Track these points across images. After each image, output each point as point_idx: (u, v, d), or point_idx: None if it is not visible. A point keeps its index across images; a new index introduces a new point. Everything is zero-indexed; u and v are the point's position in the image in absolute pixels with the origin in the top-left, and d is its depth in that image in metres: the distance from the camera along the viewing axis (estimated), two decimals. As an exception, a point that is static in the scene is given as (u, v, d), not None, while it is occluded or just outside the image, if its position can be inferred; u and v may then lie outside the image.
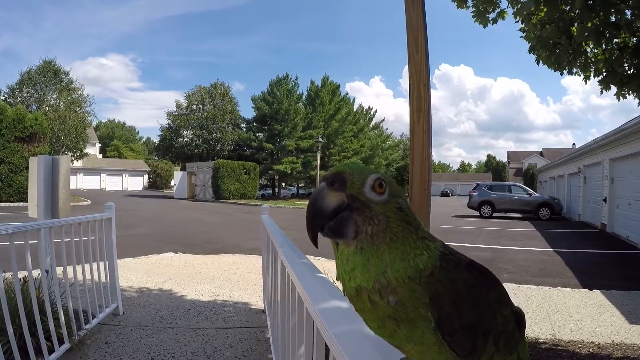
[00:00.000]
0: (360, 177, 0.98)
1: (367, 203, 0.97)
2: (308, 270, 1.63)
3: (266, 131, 46.06)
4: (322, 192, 0.96)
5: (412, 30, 3.44)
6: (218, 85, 52.28)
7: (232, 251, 9.63)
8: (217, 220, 18.92)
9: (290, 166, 43.45)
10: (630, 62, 3.90)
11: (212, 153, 48.35)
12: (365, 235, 0.95)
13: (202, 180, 38.96)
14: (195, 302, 5.24)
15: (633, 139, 12.34)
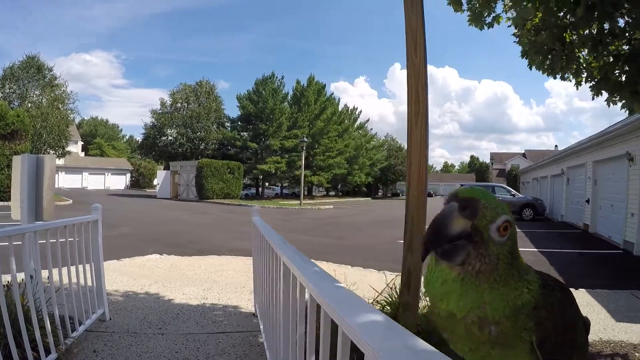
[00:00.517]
0: (492, 214, 1.03)
1: (487, 241, 1.02)
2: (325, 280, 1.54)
3: (251, 130, 45.74)
4: (452, 215, 1.01)
5: (411, 32, 3.40)
6: (203, 84, 51.82)
7: (217, 252, 9.49)
8: (202, 220, 18.71)
9: (274, 166, 43.20)
10: (622, 69, 3.91)
11: (196, 152, 47.86)
12: (472, 270, 1.01)
13: (186, 179, 38.52)
14: (184, 306, 5.12)
15: (617, 142, 12.48)
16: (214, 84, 53.30)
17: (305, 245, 11.15)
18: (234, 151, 45.88)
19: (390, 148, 71.08)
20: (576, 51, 4.14)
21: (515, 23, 4.24)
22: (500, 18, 4.25)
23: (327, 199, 49.38)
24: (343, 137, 51.61)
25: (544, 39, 4.04)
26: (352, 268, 8.16)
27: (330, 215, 24.49)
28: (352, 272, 7.58)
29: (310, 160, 45.78)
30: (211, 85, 52.55)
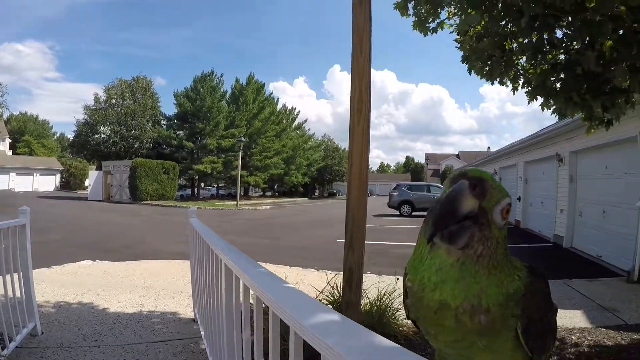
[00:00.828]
0: (499, 196, 1.02)
1: (491, 223, 1.01)
2: (274, 281, 1.50)
3: (187, 129, 44.68)
4: (463, 193, 0.98)
5: (358, 32, 3.41)
6: (140, 79, 49.77)
7: (153, 256, 9.16)
8: (136, 223, 18.10)
9: (210, 166, 42.36)
10: (558, 77, 4.10)
11: (130, 151, 45.76)
12: (473, 253, 0.99)
13: (119, 180, 36.55)
14: (119, 315, 4.87)
15: (547, 144, 13.10)
16: (150, 80, 51.51)
17: (242, 247, 10.55)
18: (170, 150, 44.46)
19: (328, 148, 71.64)
20: (515, 58, 4.29)
21: (458, 29, 4.34)
22: (444, 24, 4.34)
23: (264, 200, 48.84)
24: (281, 137, 51.49)
25: (485, 45, 4.14)
26: (291, 268, 8.13)
27: (267, 216, 24.35)
28: (292, 273, 7.56)
29: (247, 160, 45.36)
30: (148, 81, 50.64)
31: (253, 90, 48.17)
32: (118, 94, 48.04)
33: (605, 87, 3.81)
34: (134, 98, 48.53)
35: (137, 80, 49.49)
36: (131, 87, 48.81)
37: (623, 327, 4.98)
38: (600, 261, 9.27)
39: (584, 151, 10.80)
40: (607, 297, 6.27)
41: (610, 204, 9.23)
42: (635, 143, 8.09)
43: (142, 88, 49.10)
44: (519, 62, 4.40)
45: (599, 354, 4.10)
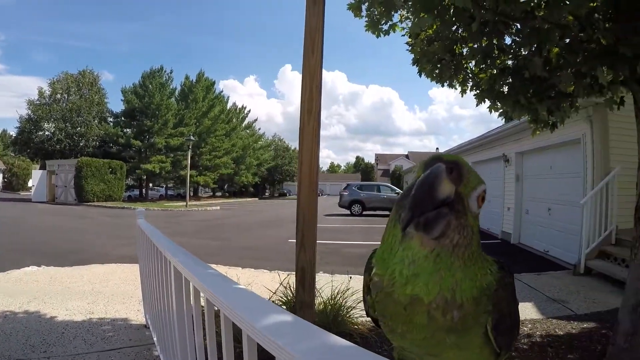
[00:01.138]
0: (475, 181, 0.97)
1: (466, 210, 0.95)
2: (224, 282, 1.47)
3: (135, 127, 43.28)
4: (441, 176, 0.90)
5: (310, 31, 3.42)
6: (86, 74, 47.15)
7: (101, 260, 8.81)
8: (82, 225, 17.35)
9: (159, 165, 41.30)
10: (505, 81, 4.23)
11: (76, 150, 43.67)
12: (449, 243, 0.92)
13: (64, 180, 34.47)
14: (68, 324, 4.66)
15: (494, 145, 13.54)
16: (97, 75, 49.01)
17: (192, 249, 10.38)
18: (117, 149, 42.99)
19: (278, 148, 71.58)
20: (464, 62, 4.42)
21: (410, 32, 4.39)
22: (397, 27, 4.38)
23: (214, 200, 48.14)
24: (230, 136, 50.85)
25: (436, 49, 4.23)
26: (244, 269, 8.03)
27: (217, 217, 24.08)
28: (244, 274, 7.46)
29: (196, 159, 44.55)
30: (95, 76, 48.16)
31: (203, 87, 47.37)
32: (63, 88, 45.62)
33: (550, 91, 3.98)
34: (80, 93, 46.24)
35: (83, 75, 47.05)
36: (77, 81, 46.38)
37: (572, 317, 5.22)
38: (548, 256, 9.69)
39: (530, 152, 11.22)
40: (556, 289, 6.56)
41: (555, 201, 9.65)
42: (578, 145, 8.47)
43: (88, 83, 46.82)
44: (468, 66, 4.53)
45: (551, 344, 4.27)
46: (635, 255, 3.60)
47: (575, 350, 4.10)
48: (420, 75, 4.60)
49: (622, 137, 7.66)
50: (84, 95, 46.14)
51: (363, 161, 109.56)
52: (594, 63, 3.15)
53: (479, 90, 4.46)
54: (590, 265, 7.46)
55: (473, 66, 4.49)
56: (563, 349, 4.14)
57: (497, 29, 3.47)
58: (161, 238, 2.74)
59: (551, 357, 3.96)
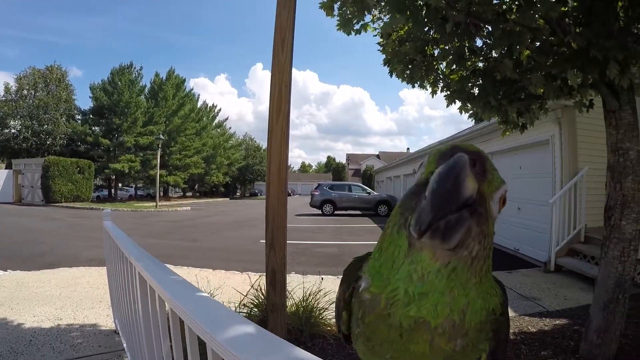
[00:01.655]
0: (499, 180, 0.78)
1: (487, 215, 0.74)
2: (186, 290, 1.42)
3: (104, 125, 42.43)
4: (466, 169, 0.68)
5: (281, 30, 3.40)
6: (54, 69, 45.56)
7: (69, 264, 8.60)
8: (49, 227, 16.85)
9: (128, 165, 40.57)
10: (475, 82, 4.28)
11: (43, 148, 42.31)
12: (467, 255, 0.73)
13: (31, 180, 33.49)
14: (36, 331, 4.50)
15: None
16: (66, 70, 47.42)
17: (162, 250, 10.70)
18: (85, 148, 42.20)
19: (249, 147, 71.46)
20: (435, 63, 4.42)
21: (382, 32, 4.42)
22: (368, 26, 4.38)
23: (184, 200, 47.44)
24: (201, 135, 50.41)
25: (407, 49, 4.24)
26: (214, 271, 7.93)
27: (187, 217, 23.76)
28: (214, 276, 7.38)
29: (166, 159, 44.16)
30: (63, 72, 46.59)
31: (173, 85, 46.84)
32: (30, 84, 43.95)
33: (520, 93, 4.03)
34: (48, 89, 44.67)
35: (51, 70, 45.48)
36: (45, 77, 44.79)
37: (544, 314, 5.30)
38: (518, 254, 9.86)
39: (500, 152, 11.37)
40: (527, 287, 6.67)
41: (525, 201, 9.82)
42: (547, 145, 8.63)
43: (56, 79, 45.29)
44: (439, 67, 4.54)
45: (524, 341, 4.30)
46: (605, 254, 3.67)
47: (548, 347, 4.15)
48: (392, 75, 4.62)
49: (590, 138, 7.87)
50: (51, 92, 44.53)
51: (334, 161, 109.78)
52: (564, 65, 3.19)
53: (449, 91, 4.49)
54: (561, 262, 7.61)
55: (444, 67, 4.52)
56: (536, 346, 4.17)
57: (469, 31, 3.48)
58: (127, 241, 2.67)
59: (525, 355, 3.98)
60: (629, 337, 4.23)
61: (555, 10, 2.95)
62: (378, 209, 23.27)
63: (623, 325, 3.69)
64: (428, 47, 4.25)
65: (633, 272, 3.64)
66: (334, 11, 4.11)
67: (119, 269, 3.00)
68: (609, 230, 3.65)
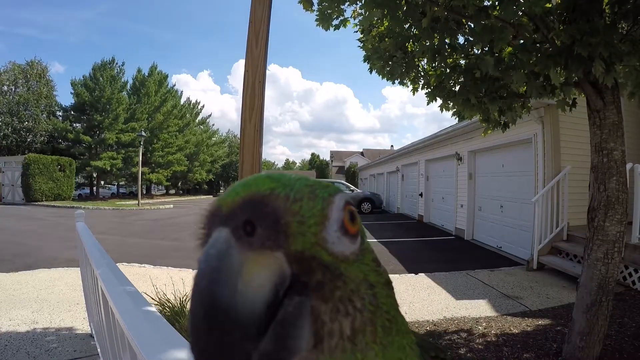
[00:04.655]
0: (315, 207, 0.43)
1: (334, 267, 0.43)
2: (134, 305, 1.32)
3: (85, 121, 41.49)
4: (227, 261, 0.39)
5: (255, 24, 3.28)
6: (35, 64, 44.30)
7: (48, 265, 8.43)
8: (29, 227, 16.42)
9: (110, 162, 39.78)
10: (457, 79, 4.21)
11: (23, 145, 41.20)
12: (339, 341, 0.42)
13: (11, 178, 32.59)
14: (11, 335, 4.40)
15: (447, 143, 13.68)
16: (47, 66, 46.20)
17: (142, 250, 10.52)
18: (66, 145, 41.45)
19: (232, 145, 71.08)
20: (416, 60, 4.36)
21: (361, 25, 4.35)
22: (348, 22, 4.31)
23: (167, 198, 46.79)
24: (184, 132, 49.93)
25: (387, 45, 4.18)
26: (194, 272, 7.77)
27: (170, 216, 23.45)
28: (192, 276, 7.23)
29: (148, 156, 43.63)
30: (43, 67, 45.38)
31: (155, 81, 46.12)
32: (10, 79, 42.66)
33: (502, 91, 3.96)
34: (28, 85, 43.43)
35: (31, 65, 44.20)
36: (25, 72, 43.49)
37: (527, 313, 5.28)
38: (501, 251, 9.86)
39: (482, 151, 11.39)
40: (510, 285, 6.66)
41: (507, 199, 9.83)
42: (530, 144, 8.63)
43: (36, 74, 44.00)
44: (420, 64, 4.48)
45: (506, 343, 4.26)
46: (588, 256, 3.62)
47: (530, 349, 4.11)
48: (371, 72, 4.55)
49: (572, 137, 7.90)
50: (31, 88, 43.35)
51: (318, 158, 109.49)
52: (547, 63, 3.12)
53: (430, 88, 4.44)
54: (543, 260, 7.60)
55: (424, 64, 4.46)
56: (519, 348, 4.14)
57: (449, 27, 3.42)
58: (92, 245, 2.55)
59: (507, 357, 3.95)
60: (612, 337, 4.21)
61: (539, 6, 2.88)
62: (362, 206, 23.10)
63: (607, 327, 3.65)
64: (409, 44, 4.19)
65: (616, 274, 3.60)
66: (313, 6, 4.03)
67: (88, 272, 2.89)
68: (592, 231, 3.60)
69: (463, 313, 5.32)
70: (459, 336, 4.54)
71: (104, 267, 1.88)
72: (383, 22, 4.24)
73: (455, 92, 4.26)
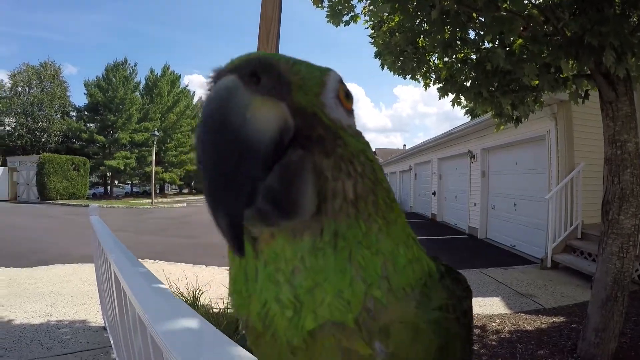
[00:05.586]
0: (316, 73, 0.47)
1: (334, 129, 0.45)
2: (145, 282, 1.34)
3: (98, 121, 41.87)
4: (234, 97, 0.40)
5: (266, 20, 3.29)
6: (48, 66, 44.86)
7: (62, 260, 8.53)
8: (44, 225, 16.70)
9: (123, 162, 40.18)
10: (469, 74, 4.18)
11: (37, 145, 41.63)
12: (343, 203, 0.44)
13: (26, 177, 33.12)
14: (26, 327, 4.47)
15: (460, 141, 13.59)
16: (60, 67, 46.86)
17: (156, 247, 10.64)
18: (80, 145, 41.93)
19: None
20: (427, 55, 4.35)
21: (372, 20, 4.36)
22: (358, 18, 4.32)
23: (181, 197, 46.97)
24: (197, 131, 50.12)
25: (398, 40, 4.15)
26: (207, 268, 7.91)
27: (184, 214, 23.60)
28: (206, 272, 7.35)
29: (162, 156, 43.88)
30: (57, 68, 46.00)
31: (168, 81, 46.45)
32: (24, 81, 43.38)
33: (514, 85, 3.92)
34: (42, 86, 44.11)
35: (45, 67, 44.78)
36: (39, 73, 44.08)
37: (541, 311, 5.24)
38: (515, 250, 9.76)
39: (495, 148, 11.30)
40: (524, 283, 6.60)
41: (521, 197, 9.75)
42: (543, 141, 8.54)
43: (50, 75, 44.63)
44: (431, 59, 4.47)
45: (520, 339, 4.23)
46: (603, 250, 3.57)
47: (545, 346, 4.08)
48: (383, 68, 4.54)
49: (586, 134, 7.79)
50: (45, 89, 44.01)
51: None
52: (558, 54, 3.09)
53: (441, 83, 4.42)
54: (557, 259, 7.53)
55: (436, 59, 4.44)
56: (533, 345, 4.11)
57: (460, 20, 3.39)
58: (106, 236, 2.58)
59: (521, 354, 3.92)
60: (627, 335, 4.16)
61: (548, -5, 2.86)
62: (374, 206, 23.07)
63: (622, 324, 3.61)
64: (420, 39, 4.17)
65: (632, 268, 3.56)
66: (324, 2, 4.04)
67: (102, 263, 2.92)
68: (606, 225, 3.56)
69: (476, 310, 5.26)
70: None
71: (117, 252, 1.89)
72: (393, 17, 4.22)
73: (466, 86, 4.23)
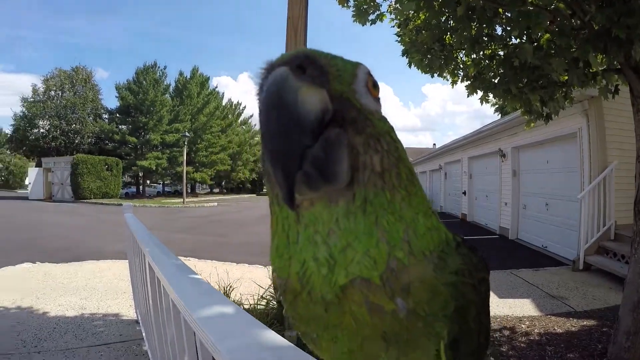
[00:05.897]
0: (348, 66, 0.57)
1: (364, 113, 0.56)
2: (179, 271, 1.38)
3: (130, 123, 42.83)
4: (290, 83, 0.50)
5: (293, 20, 3.34)
6: (80, 70, 46.02)
7: (96, 257, 8.75)
8: (78, 222, 17.13)
9: (155, 162, 40.96)
10: (497, 70, 4.15)
11: (71, 147, 42.96)
12: (371, 174, 0.54)
13: (60, 177, 34.11)
14: (60, 319, 4.61)
15: (490, 140, 13.42)
16: (91, 71, 47.88)
17: (187, 245, 10.78)
18: (112, 146, 42.87)
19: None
20: (454, 52, 4.32)
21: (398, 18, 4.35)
22: (384, 16, 4.34)
23: (211, 196, 47.80)
24: (227, 132, 50.70)
25: (424, 38, 4.14)
26: (237, 265, 8.00)
27: (214, 213, 23.87)
28: (236, 269, 7.44)
29: (192, 156, 44.46)
30: (88, 72, 47.04)
31: (197, 83, 47.06)
32: (57, 85, 44.47)
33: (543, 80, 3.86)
34: (74, 90, 45.25)
35: (77, 71, 45.98)
36: (71, 78, 45.32)
37: (572, 314, 5.15)
38: (546, 251, 9.59)
39: (526, 147, 11.11)
40: (555, 285, 6.50)
41: (553, 196, 9.56)
42: (575, 139, 8.35)
43: (82, 79, 45.82)
44: (458, 56, 4.44)
45: (550, 342, 4.18)
46: (635, 251, 3.50)
47: (575, 349, 4.02)
48: (410, 66, 4.53)
49: (619, 131, 7.59)
50: (78, 92, 45.18)
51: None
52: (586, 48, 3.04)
53: (469, 80, 4.40)
54: (590, 261, 7.36)
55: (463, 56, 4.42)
56: (562, 348, 4.05)
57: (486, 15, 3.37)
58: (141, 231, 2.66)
59: (550, 356, 3.87)
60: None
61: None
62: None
63: (654, 327, 3.54)
64: (447, 36, 4.16)
65: (665, 269, 3.48)
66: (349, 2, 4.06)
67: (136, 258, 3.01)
68: (639, 225, 3.50)
69: (506, 312, 5.24)
70: (501, 334, 4.49)
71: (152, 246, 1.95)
72: (419, 15, 4.22)
73: (495, 83, 4.19)
